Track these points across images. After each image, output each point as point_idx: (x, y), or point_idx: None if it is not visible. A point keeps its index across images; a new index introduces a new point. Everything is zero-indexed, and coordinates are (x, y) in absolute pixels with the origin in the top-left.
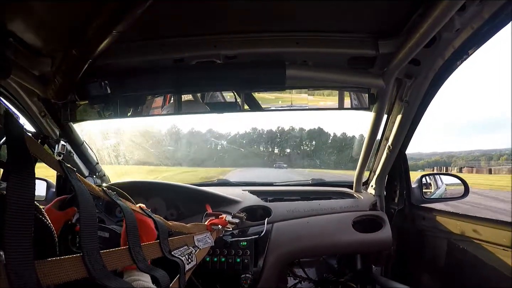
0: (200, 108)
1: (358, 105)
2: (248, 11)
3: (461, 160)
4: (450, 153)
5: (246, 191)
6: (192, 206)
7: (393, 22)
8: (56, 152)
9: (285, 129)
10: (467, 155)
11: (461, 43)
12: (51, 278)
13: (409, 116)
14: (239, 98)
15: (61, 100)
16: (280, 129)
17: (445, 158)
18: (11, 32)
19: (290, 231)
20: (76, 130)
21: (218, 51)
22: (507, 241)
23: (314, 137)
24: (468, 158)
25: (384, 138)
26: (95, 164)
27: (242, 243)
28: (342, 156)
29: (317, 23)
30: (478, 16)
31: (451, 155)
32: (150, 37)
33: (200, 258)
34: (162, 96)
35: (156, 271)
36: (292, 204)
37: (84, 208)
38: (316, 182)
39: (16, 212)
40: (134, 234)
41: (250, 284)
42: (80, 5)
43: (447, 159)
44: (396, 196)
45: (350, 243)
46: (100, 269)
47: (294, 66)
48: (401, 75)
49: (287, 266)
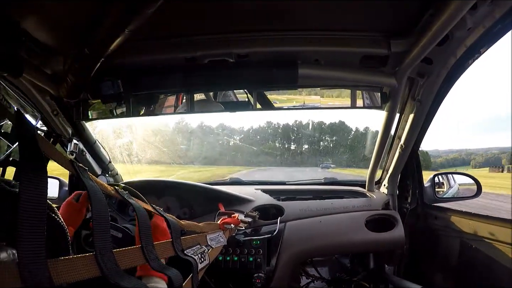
0: (212, 107)
1: (371, 104)
2: (260, 10)
3: (480, 158)
4: (468, 150)
5: (259, 190)
6: (205, 205)
7: (405, 21)
8: (68, 151)
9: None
10: (485, 153)
11: (473, 42)
12: (64, 277)
13: (421, 115)
14: (251, 97)
15: (73, 99)
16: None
17: (463, 156)
18: (24, 30)
19: (303, 230)
20: (88, 129)
21: (230, 50)
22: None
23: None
24: (486, 155)
25: (397, 137)
26: (107, 163)
27: (255, 242)
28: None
29: (329, 22)
30: (490, 15)
31: (469, 152)
32: (162, 36)
33: (212, 257)
34: (174, 95)
35: (169, 270)
36: (305, 203)
37: (97, 207)
38: (329, 181)
39: (29, 211)
40: (146, 233)
41: (263, 283)
42: (92, 4)
43: (465, 156)
44: (408, 195)
45: (363, 242)
46: (113, 268)
47: (307, 65)
48: (413, 74)
49: (299, 265)
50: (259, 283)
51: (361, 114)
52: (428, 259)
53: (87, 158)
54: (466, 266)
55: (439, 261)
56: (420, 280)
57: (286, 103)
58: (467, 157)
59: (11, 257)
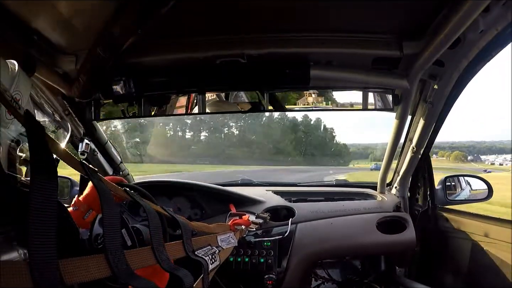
0: (224, 108)
1: (382, 106)
2: (273, 11)
3: (378, 152)
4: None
5: (270, 191)
6: (216, 206)
7: (417, 23)
8: (80, 151)
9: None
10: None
11: (485, 45)
12: (75, 277)
13: (433, 117)
14: (262, 98)
15: (85, 99)
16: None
17: (361, 149)
18: (36, 30)
19: (314, 232)
20: (100, 129)
21: (242, 51)
22: None
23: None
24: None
25: (408, 139)
26: (119, 163)
27: (266, 243)
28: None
29: (342, 24)
30: (503, 18)
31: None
32: (174, 36)
33: (223, 258)
34: (186, 96)
35: (179, 271)
36: (316, 204)
37: (107, 209)
38: (340, 183)
39: (39, 211)
40: (157, 234)
41: (274, 284)
42: (105, 4)
43: (363, 150)
44: (420, 197)
45: (374, 244)
46: (124, 269)
47: (319, 66)
48: (425, 76)
49: (311, 266)
50: (270, 285)
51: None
52: (439, 262)
53: (98, 158)
54: (478, 269)
55: (450, 263)
56: (431, 283)
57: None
58: (364, 151)
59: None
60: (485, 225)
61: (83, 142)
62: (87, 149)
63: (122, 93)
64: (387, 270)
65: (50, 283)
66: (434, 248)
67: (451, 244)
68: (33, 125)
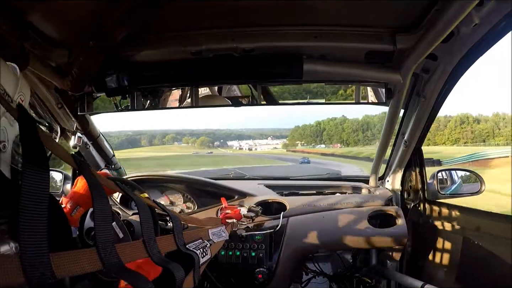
0: (217, 101)
1: (375, 100)
2: (266, 5)
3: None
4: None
5: (262, 185)
6: (208, 199)
7: (411, 17)
8: (72, 144)
9: None
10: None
11: (479, 39)
12: (66, 271)
13: (425, 111)
14: (255, 91)
15: (78, 92)
16: None
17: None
18: (29, 23)
19: (306, 226)
20: (92, 122)
21: (236, 44)
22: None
23: None
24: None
25: (401, 133)
26: (111, 156)
27: (257, 237)
28: None
29: (335, 17)
30: (496, 12)
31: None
32: (168, 30)
33: (214, 251)
34: (179, 89)
35: (170, 264)
36: (308, 198)
37: (98, 202)
38: (332, 176)
39: (31, 205)
40: (148, 227)
41: (265, 278)
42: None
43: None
44: (411, 191)
45: (366, 238)
46: (115, 263)
47: (312, 60)
48: (418, 70)
49: (302, 260)
50: (261, 278)
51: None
52: (430, 255)
53: (91, 151)
54: (469, 263)
55: (442, 257)
56: (423, 276)
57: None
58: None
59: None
60: (477, 219)
61: (75, 135)
62: (79, 143)
63: (115, 87)
64: (378, 264)
65: (41, 276)
66: (425, 242)
67: (443, 238)
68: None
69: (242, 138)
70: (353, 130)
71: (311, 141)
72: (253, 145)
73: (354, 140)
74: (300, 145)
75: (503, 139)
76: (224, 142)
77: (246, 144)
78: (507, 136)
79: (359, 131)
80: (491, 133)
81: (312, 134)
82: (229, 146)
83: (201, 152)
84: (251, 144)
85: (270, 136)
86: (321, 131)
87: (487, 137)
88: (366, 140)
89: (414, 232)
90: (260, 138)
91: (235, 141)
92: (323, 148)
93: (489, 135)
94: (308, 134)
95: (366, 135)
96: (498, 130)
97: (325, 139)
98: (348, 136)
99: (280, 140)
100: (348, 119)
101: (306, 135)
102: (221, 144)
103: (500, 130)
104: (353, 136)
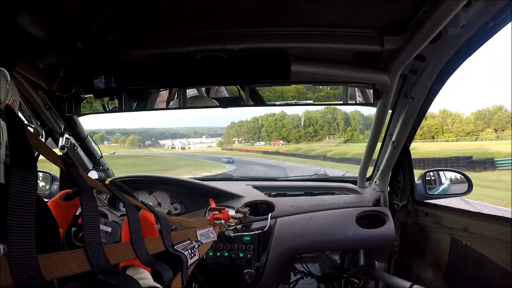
0: (204, 103)
1: (363, 101)
2: (254, 6)
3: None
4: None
5: (250, 186)
6: (196, 200)
7: (398, 18)
8: (59, 145)
9: None
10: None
11: (466, 39)
12: (54, 272)
13: (413, 111)
14: (243, 92)
15: (65, 93)
16: None
17: (104, 134)
18: (17, 24)
19: (294, 227)
20: (80, 124)
21: (223, 46)
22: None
23: None
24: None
25: (388, 134)
26: (99, 157)
27: (245, 238)
28: None
29: (323, 18)
30: (484, 13)
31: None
32: (156, 31)
33: (202, 252)
34: (167, 90)
35: (159, 266)
36: (296, 199)
37: (86, 203)
38: (320, 177)
39: (18, 206)
40: (136, 228)
41: (252, 279)
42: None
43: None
44: (399, 192)
45: (353, 239)
46: (103, 264)
47: (300, 61)
48: (406, 71)
49: (289, 261)
50: (249, 279)
51: None
52: (418, 256)
53: (79, 153)
54: (456, 263)
55: (430, 257)
56: (410, 277)
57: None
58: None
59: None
60: (465, 219)
61: (63, 136)
62: (67, 144)
63: (102, 88)
64: (366, 265)
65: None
66: (413, 242)
67: (431, 238)
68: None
69: (176, 136)
70: (294, 126)
71: (249, 138)
72: (186, 144)
73: (295, 136)
74: (237, 142)
75: (453, 135)
76: (156, 141)
77: (180, 143)
78: (456, 133)
79: (300, 127)
80: (440, 129)
81: (249, 131)
82: (161, 145)
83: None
84: (184, 143)
85: (204, 134)
86: (259, 127)
87: (436, 133)
88: (308, 137)
89: (402, 233)
90: (194, 137)
91: (168, 139)
92: (263, 145)
93: (438, 131)
94: (245, 131)
95: (308, 131)
96: (447, 126)
97: (263, 136)
98: (288, 133)
99: (215, 138)
100: (288, 115)
101: (243, 132)
102: (152, 143)
103: (448, 126)
104: (294, 132)
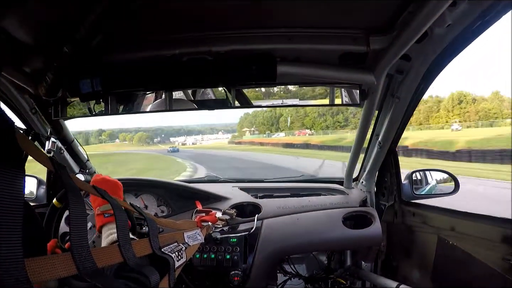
0: (190, 105)
1: (349, 101)
2: (239, 8)
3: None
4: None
5: (236, 188)
6: (182, 202)
7: (384, 18)
8: (46, 149)
9: None
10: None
11: (452, 39)
12: (41, 276)
13: (399, 111)
14: (229, 94)
15: (52, 97)
16: None
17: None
18: (2, 28)
19: (280, 228)
20: (67, 127)
21: (209, 48)
22: (497, 236)
23: None
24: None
25: (375, 134)
26: (85, 161)
27: (232, 239)
28: None
29: (309, 19)
30: (469, 12)
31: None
32: (141, 34)
33: (190, 254)
34: (153, 93)
35: (146, 268)
36: (282, 200)
37: (74, 206)
38: (306, 178)
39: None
40: (123, 231)
41: (239, 280)
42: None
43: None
44: (386, 192)
45: (340, 240)
46: (90, 267)
47: (286, 62)
48: (392, 71)
49: (277, 262)
50: (236, 281)
51: None
52: (405, 256)
53: (65, 156)
54: (443, 262)
55: (417, 257)
56: (397, 277)
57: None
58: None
59: None
60: (451, 219)
61: (49, 140)
62: (53, 147)
63: (88, 91)
64: (353, 265)
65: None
66: (400, 242)
67: (417, 238)
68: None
69: (192, 133)
70: (320, 114)
71: (265, 129)
72: (199, 140)
73: (321, 127)
74: (248, 133)
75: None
76: (166, 138)
77: (192, 139)
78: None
79: (327, 115)
80: (500, 113)
81: (266, 122)
82: (172, 142)
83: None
84: (197, 139)
85: (221, 130)
86: (277, 117)
87: (495, 118)
88: (337, 127)
89: (388, 233)
90: (210, 133)
91: (182, 136)
92: (283, 137)
93: (498, 116)
94: (261, 122)
95: (337, 120)
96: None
97: (282, 126)
98: (313, 122)
99: (231, 134)
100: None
101: (258, 122)
102: (162, 140)
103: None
104: (320, 121)
